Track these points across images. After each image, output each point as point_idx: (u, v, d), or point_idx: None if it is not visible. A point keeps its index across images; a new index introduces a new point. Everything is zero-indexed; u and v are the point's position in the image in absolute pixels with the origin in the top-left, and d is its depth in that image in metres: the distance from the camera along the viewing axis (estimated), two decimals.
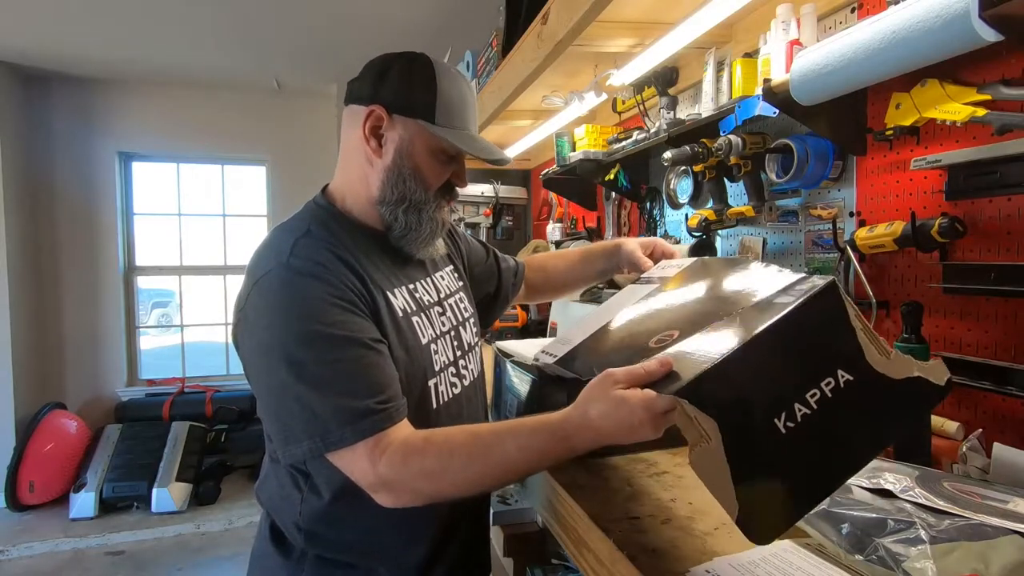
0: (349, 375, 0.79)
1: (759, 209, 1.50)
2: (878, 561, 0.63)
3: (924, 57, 0.88)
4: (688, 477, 1.02)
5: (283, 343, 0.80)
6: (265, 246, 0.91)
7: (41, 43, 3.41)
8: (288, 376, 0.78)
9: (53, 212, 4.06)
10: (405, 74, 0.92)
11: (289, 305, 0.81)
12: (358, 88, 0.94)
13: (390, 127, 0.92)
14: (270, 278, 0.83)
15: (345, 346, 0.80)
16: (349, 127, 0.96)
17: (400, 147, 0.92)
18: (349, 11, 2.99)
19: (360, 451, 0.78)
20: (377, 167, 0.94)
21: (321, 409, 0.78)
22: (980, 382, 1.00)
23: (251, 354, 0.84)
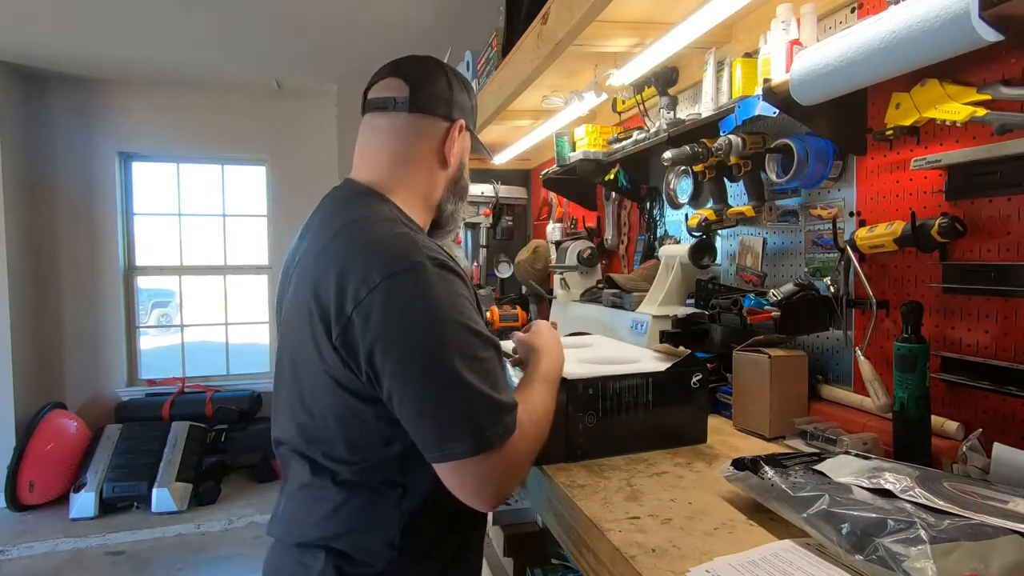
0: (496, 372, 0.82)
1: (759, 209, 1.50)
2: (878, 561, 0.63)
3: (924, 57, 0.88)
4: (688, 477, 1.02)
5: (446, 339, 0.78)
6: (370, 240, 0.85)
7: (41, 43, 3.41)
8: (450, 372, 0.77)
9: (53, 212, 4.06)
10: (461, 86, 1.03)
11: (445, 300, 0.80)
12: (431, 100, 0.99)
13: (460, 138, 1.03)
14: (414, 273, 0.79)
15: (491, 345, 0.83)
16: (418, 135, 1.00)
17: (460, 154, 1.04)
18: (349, 12, 2.99)
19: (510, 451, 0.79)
20: (442, 176, 1.03)
21: (485, 407, 0.78)
22: (980, 382, 1.00)
23: (403, 354, 0.78)
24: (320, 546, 0.87)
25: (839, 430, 1.14)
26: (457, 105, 1.01)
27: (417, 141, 1.00)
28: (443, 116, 1.00)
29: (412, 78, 1.00)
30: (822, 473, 0.84)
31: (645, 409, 1.14)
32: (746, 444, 1.22)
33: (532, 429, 0.85)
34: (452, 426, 0.76)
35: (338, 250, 0.85)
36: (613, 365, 1.19)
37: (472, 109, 1.06)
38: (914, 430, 0.98)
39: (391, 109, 0.99)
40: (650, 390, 1.15)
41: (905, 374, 0.98)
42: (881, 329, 1.20)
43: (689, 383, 1.18)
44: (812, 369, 1.31)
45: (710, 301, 1.46)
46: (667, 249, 1.86)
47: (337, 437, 0.85)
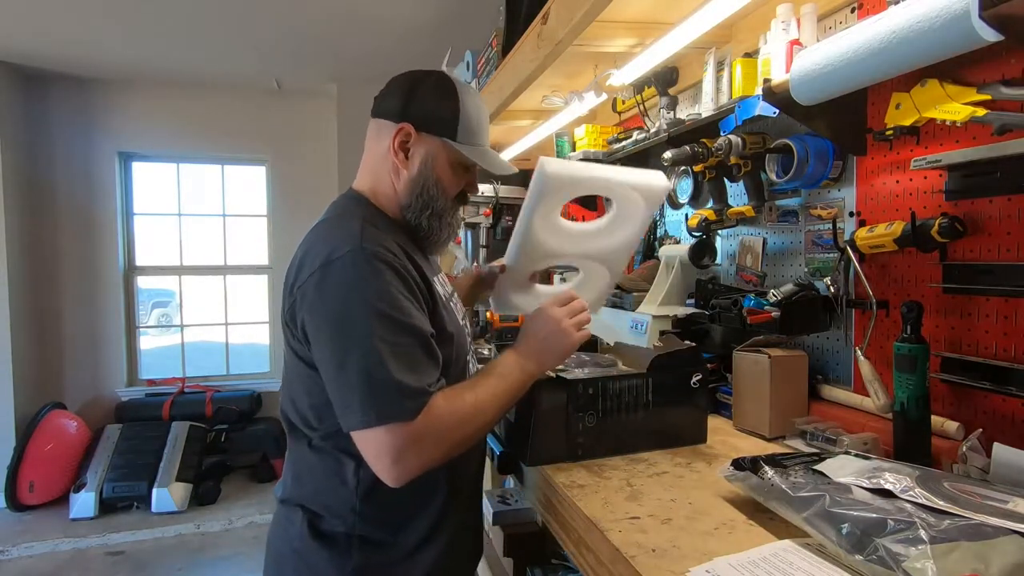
0: (411, 358, 0.88)
1: (759, 209, 1.50)
2: (878, 561, 0.63)
3: (924, 57, 0.88)
4: (688, 477, 1.02)
5: (359, 318, 0.86)
6: (327, 232, 0.96)
7: (41, 43, 3.41)
8: (359, 348, 0.85)
9: (53, 212, 4.06)
10: (432, 93, 1.02)
11: (367, 285, 0.87)
12: (386, 104, 1.04)
13: (417, 142, 1.01)
14: (345, 259, 0.88)
15: (411, 333, 0.88)
16: (376, 139, 1.05)
17: (425, 160, 1.02)
18: (349, 11, 2.99)
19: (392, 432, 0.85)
20: (403, 177, 1.02)
21: (378, 384, 0.84)
22: (980, 382, 1.00)
23: (319, 326, 0.89)
24: (298, 504, 0.99)
25: (839, 430, 1.14)
26: (415, 110, 1.01)
27: (374, 145, 1.05)
28: (391, 119, 1.02)
29: (386, 87, 1.06)
30: (822, 473, 0.84)
31: (645, 409, 1.14)
32: (746, 444, 1.22)
33: (449, 418, 0.89)
34: (349, 397, 0.85)
35: (302, 244, 0.98)
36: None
37: (453, 119, 1.02)
38: (914, 430, 0.98)
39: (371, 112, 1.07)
40: (650, 390, 1.15)
41: (905, 374, 0.98)
42: (881, 329, 1.20)
43: (689, 383, 1.18)
44: (812, 369, 1.31)
45: (710, 301, 1.46)
46: (667, 249, 1.86)
47: (307, 405, 0.96)
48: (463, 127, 1.02)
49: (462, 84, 1.05)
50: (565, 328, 1.02)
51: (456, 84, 1.04)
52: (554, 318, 1.03)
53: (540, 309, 1.06)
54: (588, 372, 1.21)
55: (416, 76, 1.05)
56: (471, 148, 1.03)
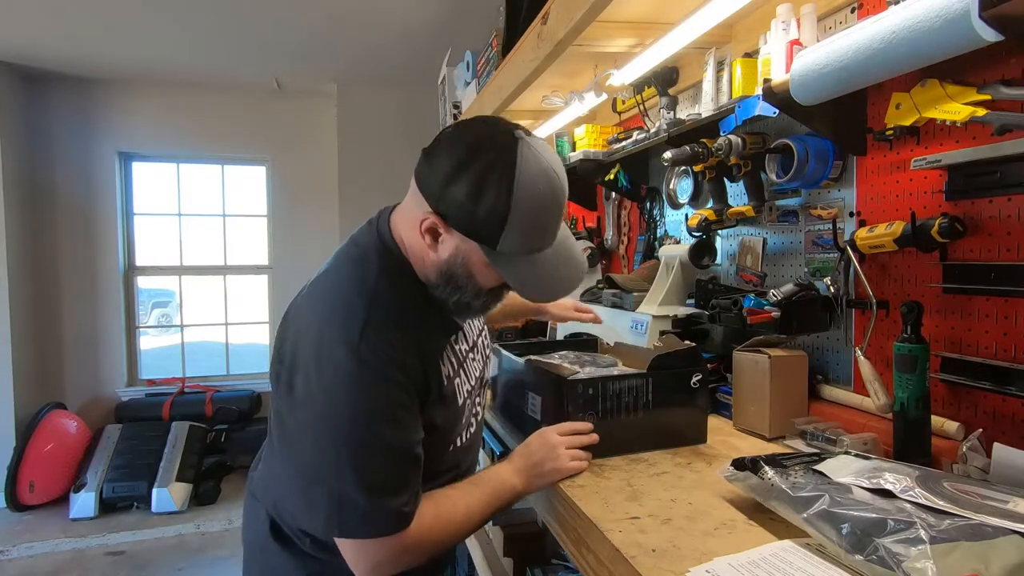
0: (387, 480, 0.83)
1: (759, 209, 1.50)
2: (878, 561, 0.63)
3: (924, 57, 0.88)
4: (688, 477, 1.02)
5: (337, 435, 0.82)
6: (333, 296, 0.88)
7: (41, 43, 3.41)
8: (331, 465, 0.81)
9: (53, 212, 4.06)
10: (477, 189, 0.80)
11: (351, 400, 0.82)
12: (427, 175, 0.85)
13: (448, 234, 0.85)
14: (337, 361, 0.82)
15: (391, 454, 0.84)
16: (416, 203, 0.87)
17: (456, 255, 0.87)
18: (349, 11, 2.99)
19: (369, 546, 0.84)
20: (432, 259, 0.88)
21: (350, 503, 0.81)
22: (980, 382, 1.00)
23: (300, 419, 0.85)
24: (262, 504, 1.01)
25: (839, 430, 1.14)
26: (450, 203, 0.81)
27: (412, 207, 0.88)
28: (427, 198, 0.84)
29: (439, 138, 0.86)
30: (822, 473, 0.84)
31: (645, 409, 1.14)
32: (746, 444, 1.22)
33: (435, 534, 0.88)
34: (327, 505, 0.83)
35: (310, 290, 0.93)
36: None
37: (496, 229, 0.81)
38: (914, 430, 0.98)
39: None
40: (650, 390, 1.15)
41: (905, 374, 0.98)
42: (881, 329, 1.20)
43: (689, 383, 1.18)
44: (812, 369, 1.31)
45: (710, 301, 1.46)
46: (667, 249, 1.85)
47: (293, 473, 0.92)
48: (509, 238, 0.82)
49: (529, 176, 0.80)
50: (560, 455, 1.01)
51: (518, 179, 0.79)
52: (551, 444, 1.02)
53: (541, 432, 1.05)
54: (588, 372, 1.21)
55: (471, 153, 0.81)
56: (516, 261, 0.85)
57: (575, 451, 1.04)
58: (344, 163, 4.15)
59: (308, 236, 4.39)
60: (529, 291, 0.89)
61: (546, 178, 0.82)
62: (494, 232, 0.82)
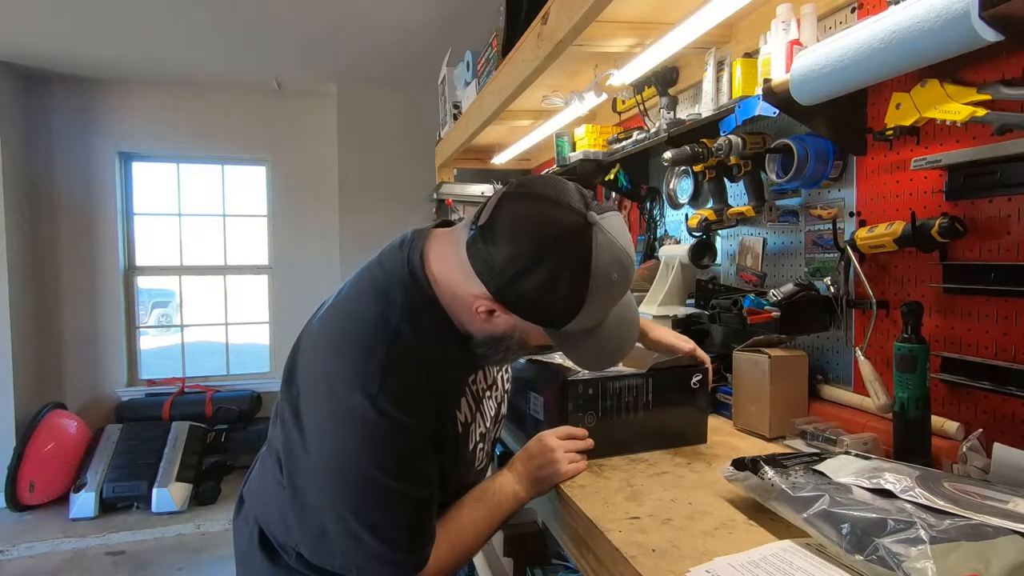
0: (402, 529, 0.83)
1: (759, 209, 1.50)
2: (878, 561, 0.63)
3: (924, 57, 0.88)
4: (688, 477, 1.02)
5: (351, 481, 0.81)
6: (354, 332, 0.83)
7: (41, 43, 3.41)
8: (346, 512, 0.81)
9: (53, 212, 4.06)
10: (549, 288, 0.75)
11: (368, 449, 0.80)
12: (487, 262, 0.76)
13: (506, 314, 0.80)
14: (353, 408, 0.79)
15: (407, 503, 0.83)
16: (467, 274, 0.79)
17: (513, 329, 0.83)
18: (349, 11, 2.99)
19: None
20: (481, 327, 0.84)
21: (367, 548, 0.81)
22: (980, 382, 1.00)
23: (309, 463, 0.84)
24: (253, 516, 1.00)
25: (839, 430, 1.14)
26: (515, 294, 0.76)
27: (462, 271, 0.81)
28: (487, 285, 0.78)
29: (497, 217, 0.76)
30: (822, 473, 0.84)
31: (645, 409, 1.14)
32: (746, 444, 1.22)
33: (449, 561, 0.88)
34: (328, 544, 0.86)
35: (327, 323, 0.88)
36: None
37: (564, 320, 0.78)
38: (914, 430, 0.98)
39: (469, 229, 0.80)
40: (650, 390, 1.15)
41: (905, 374, 0.98)
42: (881, 329, 1.20)
43: (689, 383, 1.18)
44: (812, 369, 1.31)
45: (710, 301, 1.46)
46: (667, 249, 1.86)
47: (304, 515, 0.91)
48: (576, 322, 0.79)
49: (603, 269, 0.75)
50: (558, 459, 1.02)
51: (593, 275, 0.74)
52: (550, 448, 1.03)
53: (540, 436, 1.05)
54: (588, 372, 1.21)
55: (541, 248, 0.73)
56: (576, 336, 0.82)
57: (573, 455, 1.05)
58: (344, 163, 4.15)
59: (308, 236, 4.39)
60: (589, 364, 0.89)
61: (620, 265, 0.77)
62: (563, 322, 0.79)
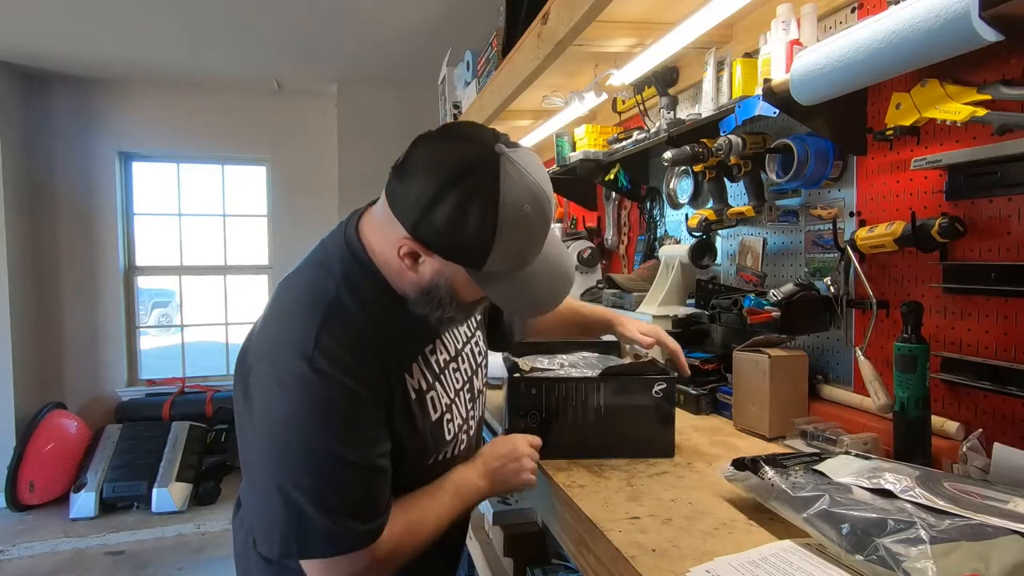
0: (348, 499, 0.79)
1: (759, 209, 1.50)
2: (878, 561, 0.63)
3: (924, 57, 0.88)
4: (688, 477, 1.02)
5: (291, 449, 0.78)
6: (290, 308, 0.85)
7: (41, 43, 3.41)
8: (286, 482, 0.77)
9: (53, 212, 4.06)
10: (459, 216, 0.75)
11: (306, 413, 0.78)
12: (401, 199, 0.78)
13: (429, 258, 0.80)
14: (290, 369, 0.78)
15: (351, 469, 0.79)
16: (390, 221, 0.81)
17: (438, 275, 0.82)
18: (349, 11, 2.99)
19: (334, 565, 0.80)
20: (411, 278, 0.83)
21: (309, 523, 0.77)
22: (980, 382, 1.00)
23: (254, 433, 0.81)
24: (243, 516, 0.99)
25: (839, 430, 1.14)
26: (428, 229, 0.76)
27: (386, 223, 0.82)
28: (403, 223, 0.78)
29: (410, 156, 0.79)
30: (822, 473, 0.84)
31: (596, 415, 1.11)
32: (746, 444, 1.22)
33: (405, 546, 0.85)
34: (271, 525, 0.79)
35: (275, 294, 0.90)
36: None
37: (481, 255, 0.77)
38: (914, 430, 0.98)
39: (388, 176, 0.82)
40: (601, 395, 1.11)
41: (905, 374, 0.98)
42: (881, 329, 1.20)
43: (651, 392, 1.11)
44: (812, 369, 1.31)
45: (710, 301, 1.46)
46: (667, 249, 1.86)
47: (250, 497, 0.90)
48: (495, 260, 0.78)
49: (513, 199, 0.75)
50: (524, 467, 1.01)
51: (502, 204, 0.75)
52: (519, 454, 1.01)
53: (510, 438, 1.05)
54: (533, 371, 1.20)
55: (450, 178, 0.75)
56: (502, 280, 0.81)
57: (534, 465, 1.04)
58: (344, 163, 4.15)
59: (308, 236, 4.32)
60: (517, 309, 0.88)
61: (531, 197, 0.77)
62: (479, 256, 0.78)
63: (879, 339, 1.20)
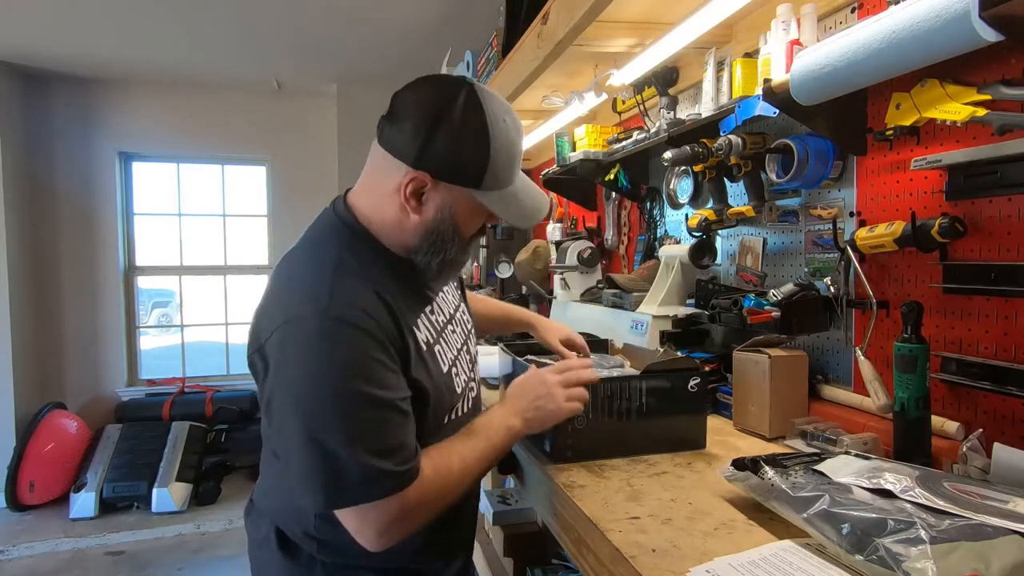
0: (377, 437, 0.81)
1: (759, 209, 1.50)
2: (878, 561, 0.63)
3: (924, 57, 0.88)
4: (688, 477, 1.02)
5: (318, 397, 0.79)
6: (294, 278, 0.88)
7: (41, 43, 3.41)
8: (319, 430, 0.79)
9: (53, 212, 4.06)
10: (457, 138, 0.85)
11: (328, 359, 0.79)
12: (399, 136, 0.86)
13: (433, 190, 0.87)
14: (306, 324, 0.80)
15: (378, 408, 0.81)
16: (383, 169, 0.89)
17: (442, 208, 0.89)
18: (349, 11, 2.99)
19: (370, 512, 0.81)
20: (414, 221, 0.89)
21: (345, 468, 0.79)
22: (980, 382, 1.00)
23: (279, 397, 0.83)
24: (265, 514, 0.99)
25: (839, 430, 1.14)
26: (434, 157, 0.84)
27: (381, 174, 0.90)
28: (404, 160, 0.86)
29: (396, 104, 0.89)
30: (822, 473, 0.84)
31: (639, 413, 1.12)
32: (746, 444, 1.22)
33: (434, 490, 0.86)
34: (319, 479, 0.80)
35: (270, 281, 0.92)
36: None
37: (481, 167, 0.86)
38: (914, 430, 0.98)
39: (377, 132, 0.91)
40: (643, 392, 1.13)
41: (905, 374, 0.98)
42: (881, 329, 1.20)
43: (687, 387, 1.15)
44: (812, 369, 1.31)
45: (710, 301, 1.46)
46: (667, 249, 1.86)
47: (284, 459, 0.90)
48: (491, 173, 0.87)
49: (494, 114, 0.86)
50: (556, 395, 1.00)
51: (488, 119, 0.85)
52: (547, 383, 1.01)
53: (537, 372, 1.04)
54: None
55: (439, 108, 0.84)
56: (500, 196, 0.90)
57: (572, 391, 1.02)
58: (344, 163, 4.15)
59: None
60: (515, 219, 0.95)
61: (507, 110, 0.89)
62: (479, 173, 0.86)
63: (879, 339, 1.20)
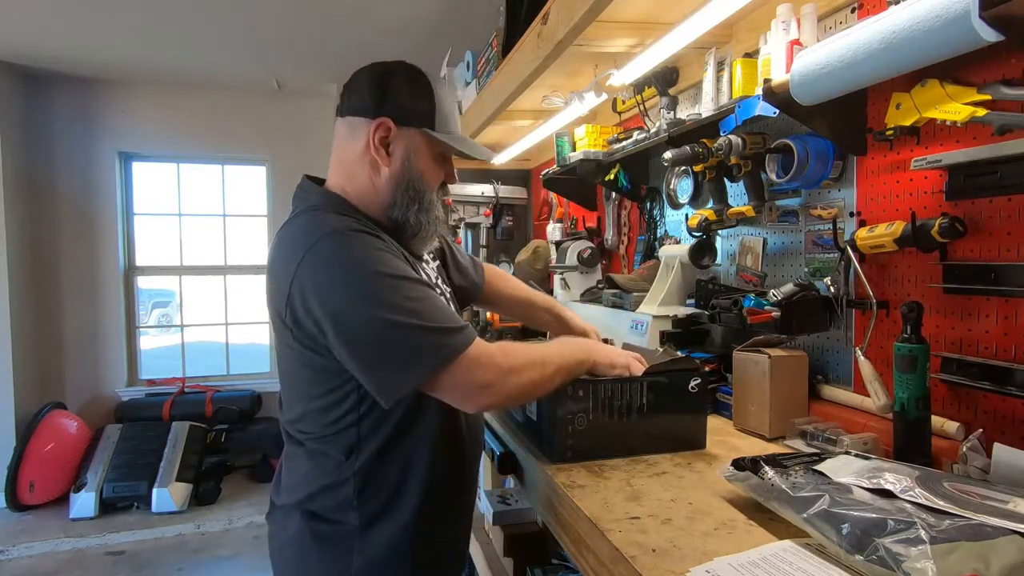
0: (434, 305, 0.91)
1: (759, 209, 1.50)
2: (878, 561, 0.63)
3: (924, 57, 0.88)
4: (688, 477, 1.02)
5: (366, 291, 0.87)
6: (293, 234, 0.96)
7: (41, 43, 3.41)
8: (386, 315, 0.86)
9: (53, 212, 4.06)
10: (406, 86, 1.01)
11: (357, 257, 0.89)
12: (357, 101, 1.02)
13: (397, 137, 1.01)
14: (321, 247, 0.89)
15: (419, 285, 0.92)
16: (349, 138, 1.03)
17: (406, 154, 1.02)
18: (349, 11, 2.99)
19: (469, 359, 0.89)
20: (384, 174, 1.02)
21: (431, 329, 0.87)
22: (980, 382, 1.00)
23: (331, 317, 0.88)
24: (295, 507, 1.01)
25: (839, 430, 1.14)
26: (391, 103, 1.00)
27: (347, 144, 1.04)
28: (366, 115, 1.00)
29: (348, 85, 1.04)
30: (822, 473, 0.84)
31: (640, 412, 1.12)
32: (746, 444, 1.22)
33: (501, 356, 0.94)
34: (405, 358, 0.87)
35: (275, 244, 0.99)
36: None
37: (430, 110, 1.02)
38: (914, 430, 0.98)
39: (336, 115, 1.06)
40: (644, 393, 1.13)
41: (905, 374, 0.98)
42: (881, 329, 1.20)
43: (687, 387, 1.15)
44: (812, 369, 1.31)
45: (710, 301, 1.46)
46: (667, 249, 1.86)
47: (303, 411, 0.99)
48: (440, 117, 1.03)
49: (434, 74, 1.06)
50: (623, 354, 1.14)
51: (426, 73, 1.04)
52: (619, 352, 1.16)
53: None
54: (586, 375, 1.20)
55: (385, 69, 1.03)
56: (450, 136, 1.05)
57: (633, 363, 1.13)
58: None
59: None
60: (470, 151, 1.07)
61: (440, 78, 1.07)
62: (431, 114, 1.02)
63: (879, 339, 1.20)
